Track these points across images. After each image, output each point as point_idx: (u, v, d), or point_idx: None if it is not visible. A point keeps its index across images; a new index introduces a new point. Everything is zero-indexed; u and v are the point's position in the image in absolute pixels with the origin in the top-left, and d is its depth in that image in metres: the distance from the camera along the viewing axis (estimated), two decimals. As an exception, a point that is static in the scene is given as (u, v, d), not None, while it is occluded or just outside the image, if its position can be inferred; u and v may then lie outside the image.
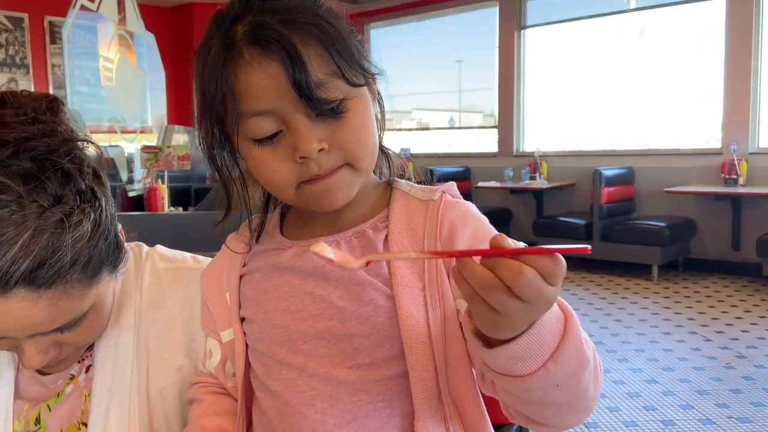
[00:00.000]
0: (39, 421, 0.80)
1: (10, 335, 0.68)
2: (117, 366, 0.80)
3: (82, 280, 0.68)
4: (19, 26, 6.61)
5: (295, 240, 0.74)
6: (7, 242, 0.61)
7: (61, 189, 0.65)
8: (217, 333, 0.77)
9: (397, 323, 0.66)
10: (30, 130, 0.66)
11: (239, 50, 0.62)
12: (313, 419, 0.67)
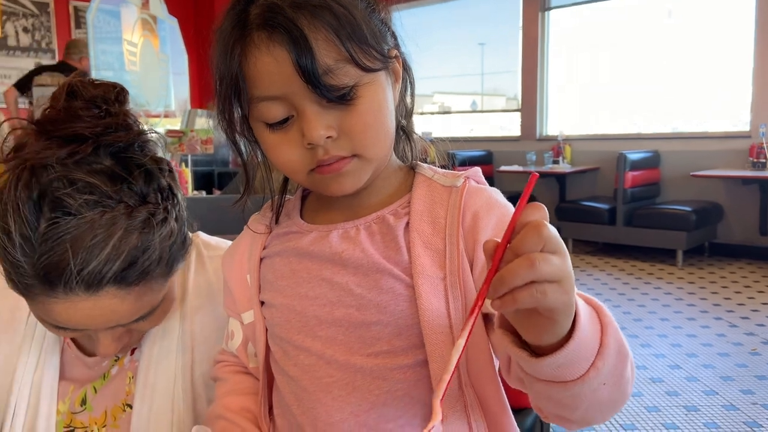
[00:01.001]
0: (85, 402, 0.81)
1: (90, 329, 0.70)
2: (162, 350, 0.81)
3: (163, 274, 0.70)
4: (44, 11, 6.68)
5: (315, 224, 0.74)
6: (98, 244, 0.62)
7: (146, 187, 0.67)
8: (239, 314, 0.77)
9: (417, 313, 0.65)
10: (103, 123, 0.67)
11: (249, 33, 0.61)
12: (330, 406, 0.67)
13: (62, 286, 0.64)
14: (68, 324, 0.69)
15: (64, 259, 0.62)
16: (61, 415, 0.80)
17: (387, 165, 0.72)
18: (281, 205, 0.78)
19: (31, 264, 0.63)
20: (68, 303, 0.66)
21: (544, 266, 0.46)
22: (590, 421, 0.60)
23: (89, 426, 0.81)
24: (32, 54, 6.69)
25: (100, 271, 0.63)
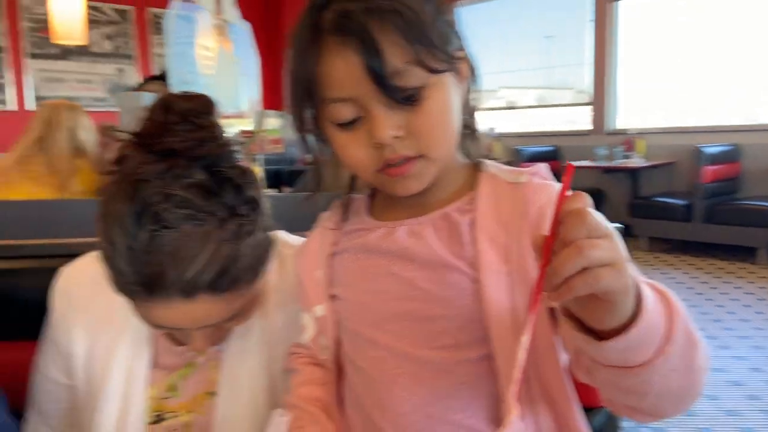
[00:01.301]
0: (173, 389, 0.87)
1: (187, 329, 0.76)
2: (245, 343, 0.86)
3: (251, 280, 0.75)
4: (124, 18, 7.03)
5: (382, 221, 0.76)
6: (193, 256, 0.68)
7: (234, 200, 0.71)
8: (310, 308, 0.81)
9: (482, 307, 0.66)
10: (194, 137, 0.72)
11: (322, 38, 0.64)
12: (398, 397, 0.69)
13: (161, 293, 0.69)
14: (166, 324, 0.75)
15: (163, 269, 0.68)
16: (152, 400, 0.86)
17: (451, 162, 0.73)
18: (350, 203, 0.81)
19: (134, 272, 0.69)
20: (166, 307, 0.71)
21: (593, 251, 0.47)
22: (661, 412, 0.60)
23: (177, 411, 0.86)
24: (113, 60, 7.05)
25: (195, 279, 0.69)
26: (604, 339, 0.52)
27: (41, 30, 6.27)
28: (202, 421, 0.85)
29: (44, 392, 0.92)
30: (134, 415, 0.83)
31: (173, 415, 0.86)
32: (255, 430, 0.82)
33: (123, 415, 0.83)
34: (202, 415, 0.86)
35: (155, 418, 0.85)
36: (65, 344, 0.88)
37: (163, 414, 0.86)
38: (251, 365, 0.85)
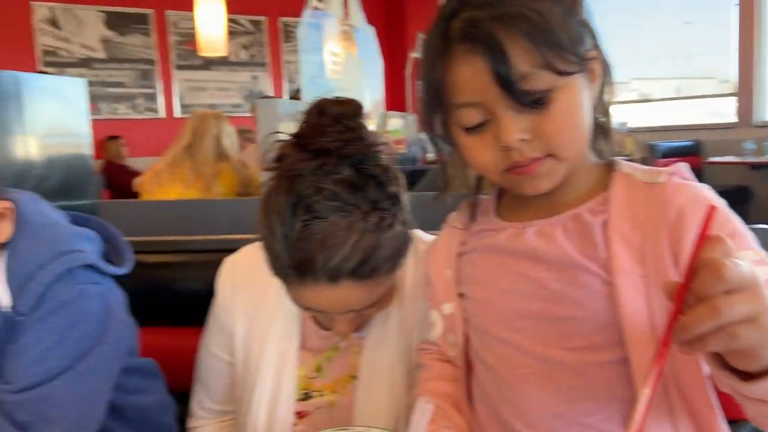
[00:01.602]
0: (319, 369, 0.95)
1: (329, 312, 0.83)
2: (385, 332, 0.92)
3: (390, 270, 0.81)
4: (258, 29, 7.48)
5: (510, 221, 0.77)
6: (339, 244, 0.74)
7: (377, 194, 0.77)
8: (439, 305, 0.83)
9: (616, 310, 0.65)
10: (344, 137, 0.78)
11: (451, 46, 0.66)
12: (528, 395, 0.70)
13: (310, 277, 0.76)
14: (313, 306, 0.82)
15: (313, 255, 0.75)
16: (300, 379, 0.94)
17: (582, 162, 0.73)
18: (477, 203, 0.83)
19: (288, 257, 0.77)
20: (314, 290, 0.78)
21: (730, 311, 0.44)
22: None
23: (322, 390, 0.94)
24: (248, 68, 7.53)
25: (339, 266, 0.75)
26: (748, 379, 0.50)
27: (186, 43, 6.84)
28: (345, 401, 0.92)
29: (208, 367, 1.04)
30: (285, 392, 0.92)
31: (319, 394, 0.94)
32: (393, 412, 0.89)
33: (276, 391, 0.92)
34: (344, 396, 0.93)
35: (303, 395, 0.94)
36: (227, 325, 0.99)
37: (310, 392, 0.94)
38: (390, 352, 0.91)
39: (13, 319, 0.81)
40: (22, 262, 0.81)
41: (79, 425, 0.83)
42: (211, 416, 1.06)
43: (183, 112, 6.96)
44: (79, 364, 0.82)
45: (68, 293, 0.82)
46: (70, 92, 1.43)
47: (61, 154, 1.39)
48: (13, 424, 0.80)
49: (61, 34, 6.25)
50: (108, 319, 0.87)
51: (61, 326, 0.82)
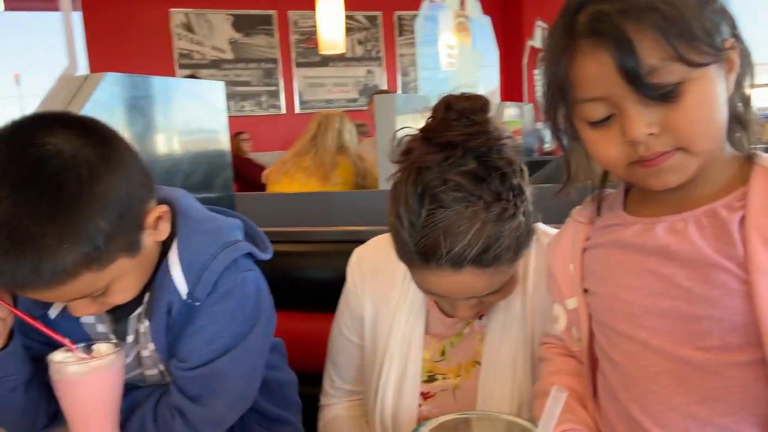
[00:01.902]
0: (444, 354, 0.99)
1: (452, 298, 0.87)
2: (507, 321, 0.95)
3: (511, 259, 0.84)
4: (373, 23, 7.62)
5: (638, 216, 0.75)
6: (462, 232, 0.78)
7: (500, 186, 0.80)
8: (563, 300, 0.83)
9: (754, 310, 0.62)
10: (469, 131, 0.82)
11: (576, 40, 0.65)
12: (658, 394, 0.68)
13: (434, 263, 0.80)
14: (436, 291, 0.86)
15: (437, 242, 0.79)
16: (425, 362, 0.99)
17: (717, 155, 0.69)
18: (603, 198, 0.82)
19: (414, 243, 0.81)
20: (438, 276, 0.82)
21: None
22: None
23: (446, 374, 0.99)
24: (364, 62, 7.70)
25: (462, 253, 0.78)
26: None
27: (306, 41, 7.12)
28: (468, 385, 0.96)
29: (339, 348, 1.11)
30: (411, 373, 0.97)
31: (443, 377, 0.99)
32: (515, 398, 0.92)
33: (402, 372, 0.98)
34: (468, 380, 0.97)
35: (428, 377, 0.99)
36: (357, 309, 1.06)
37: (435, 375, 0.99)
38: (512, 339, 0.94)
39: (192, 305, 0.89)
40: (195, 254, 0.89)
41: (241, 396, 0.92)
42: (342, 395, 1.13)
43: (302, 108, 7.27)
44: (241, 342, 0.91)
45: (234, 280, 0.91)
46: (211, 94, 1.56)
47: (203, 151, 1.52)
48: (186, 396, 0.90)
49: (195, 37, 6.73)
50: (261, 302, 0.96)
51: (229, 309, 0.90)
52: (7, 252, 0.72)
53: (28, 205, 0.72)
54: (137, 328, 0.93)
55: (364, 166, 2.94)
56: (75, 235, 0.73)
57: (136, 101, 1.33)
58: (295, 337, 1.31)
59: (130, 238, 0.81)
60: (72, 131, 0.77)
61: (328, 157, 2.86)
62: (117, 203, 0.77)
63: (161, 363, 0.95)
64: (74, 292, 0.79)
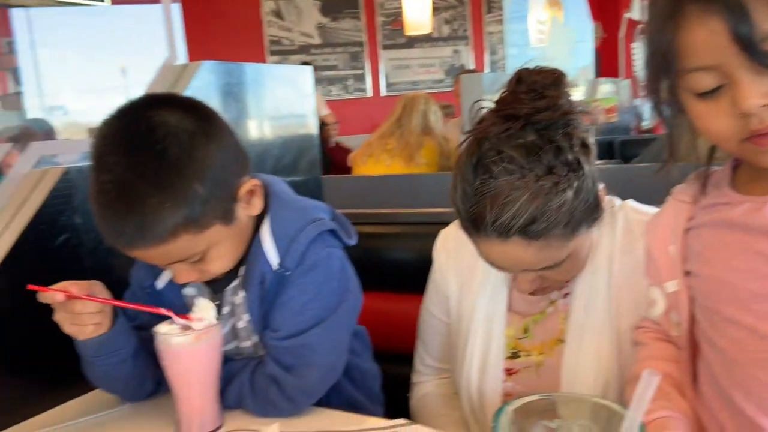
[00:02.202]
0: (526, 331, 1.00)
1: (507, 270, 0.89)
2: (591, 298, 0.94)
3: (563, 235, 0.83)
4: (461, 2, 7.50)
5: (747, 195, 0.71)
6: (510, 201, 0.79)
7: (553, 160, 0.80)
8: (661, 283, 0.79)
9: None
10: (537, 105, 0.82)
11: (682, 5, 0.62)
12: (763, 381, 0.65)
13: (482, 232, 0.83)
14: (489, 261, 0.88)
15: (484, 211, 0.81)
16: (509, 338, 1.01)
17: None
18: (709, 175, 0.77)
19: (465, 211, 0.84)
20: (487, 245, 0.85)
21: None
22: None
23: (529, 351, 1.00)
24: (450, 42, 7.61)
25: (508, 223, 0.80)
26: None
27: (391, 23, 7.13)
28: (552, 362, 0.97)
29: (428, 326, 1.15)
30: (495, 350, 1.00)
31: (526, 354, 1.00)
32: (599, 377, 0.92)
33: (486, 349, 1.00)
34: (551, 358, 0.98)
35: (512, 354, 1.00)
36: (443, 288, 1.10)
37: (518, 352, 1.00)
38: (596, 318, 0.94)
39: (282, 275, 0.96)
40: (285, 227, 0.96)
41: (330, 368, 0.97)
42: (432, 373, 1.17)
43: (388, 90, 7.30)
44: (330, 317, 0.96)
45: (320, 253, 0.97)
46: (300, 79, 1.60)
47: (293, 135, 1.57)
48: (280, 366, 0.95)
49: (284, 24, 6.91)
50: (347, 280, 1.01)
51: (316, 282, 0.96)
52: (117, 211, 0.82)
53: (136, 168, 0.82)
54: (233, 300, 1.00)
55: (449, 147, 2.94)
56: (175, 197, 0.82)
57: (230, 88, 1.39)
58: (379, 318, 1.34)
59: (224, 207, 0.89)
60: (176, 107, 0.88)
61: (413, 138, 2.88)
62: (213, 171, 0.86)
63: (255, 335, 1.01)
64: (175, 254, 0.87)
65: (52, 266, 1.04)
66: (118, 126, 0.86)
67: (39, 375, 1.04)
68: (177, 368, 0.90)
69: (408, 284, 1.38)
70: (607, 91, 4.63)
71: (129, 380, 0.99)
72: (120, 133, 0.85)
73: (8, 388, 0.99)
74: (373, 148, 2.95)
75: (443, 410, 1.11)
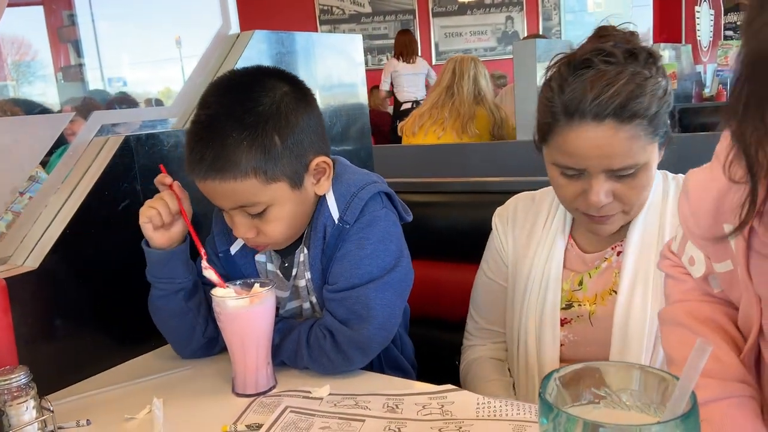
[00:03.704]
0: (581, 284, 1.06)
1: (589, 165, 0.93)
2: (642, 253, 1.01)
3: (646, 133, 0.91)
4: (515, -33, 7.28)
5: None
6: (608, 84, 0.89)
7: (648, 64, 0.93)
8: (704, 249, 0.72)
9: None
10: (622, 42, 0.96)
11: None
12: None
13: (577, 116, 0.91)
14: (575, 153, 0.93)
15: (584, 92, 0.90)
16: (564, 292, 1.07)
17: None
18: None
19: (561, 100, 0.92)
20: (578, 131, 0.91)
21: None
22: None
23: (582, 302, 1.06)
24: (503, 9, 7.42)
25: (605, 103, 0.88)
26: None
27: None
28: (604, 311, 1.03)
29: (485, 290, 1.20)
30: (551, 300, 1.07)
31: (579, 304, 1.07)
32: (647, 326, 0.98)
33: (543, 300, 1.07)
34: (604, 307, 1.04)
35: (566, 305, 1.07)
36: (501, 253, 1.17)
37: (572, 302, 1.07)
38: (647, 272, 1.00)
39: (342, 227, 1.01)
40: (347, 185, 1.03)
41: (383, 326, 0.99)
42: (485, 336, 1.20)
43: (438, 59, 7.21)
44: (384, 276, 0.99)
45: (378, 211, 1.02)
46: (350, 47, 1.60)
47: (343, 104, 1.57)
48: (336, 318, 0.99)
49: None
50: (402, 246, 1.05)
51: (374, 239, 1.00)
52: (202, 139, 0.93)
53: (229, 107, 0.93)
54: (299, 259, 1.06)
55: (501, 115, 2.88)
56: (254, 139, 0.91)
57: (282, 57, 1.40)
58: (430, 285, 1.35)
59: (295, 169, 0.96)
60: (280, 77, 0.99)
61: (465, 107, 2.83)
62: (294, 133, 0.95)
63: (314, 294, 1.06)
64: (241, 196, 0.93)
65: (115, 230, 1.09)
66: (226, 78, 0.99)
67: (106, 333, 1.10)
68: (233, 329, 0.93)
69: (457, 253, 1.39)
70: (667, 56, 4.44)
71: (181, 317, 1.04)
72: (225, 83, 0.98)
73: (78, 345, 1.05)
74: (424, 119, 2.91)
75: (493, 375, 1.14)
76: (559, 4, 7.07)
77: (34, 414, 0.78)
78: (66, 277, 1.04)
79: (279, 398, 0.92)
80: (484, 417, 0.83)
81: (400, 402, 0.89)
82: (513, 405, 0.84)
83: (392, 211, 1.06)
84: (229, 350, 0.96)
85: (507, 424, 0.80)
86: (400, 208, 1.08)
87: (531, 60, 2.39)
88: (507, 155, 2.08)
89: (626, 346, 0.98)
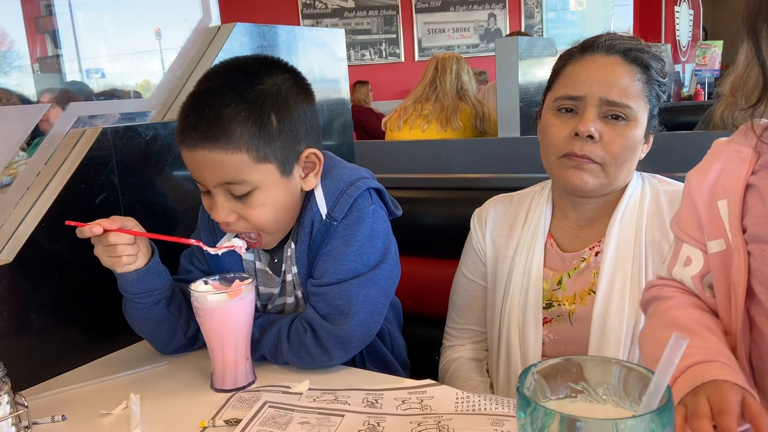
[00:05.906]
0: (560, 284, 1.08)
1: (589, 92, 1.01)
2: (620, 253, 1.02)
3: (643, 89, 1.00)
4: (497, -37, 7.30)
5: None
6: (618, 37, 1.04)
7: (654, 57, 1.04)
8: (704, 242, 0.75)
9: None
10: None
11: None
12: None
13: (589, 50, 1.03)
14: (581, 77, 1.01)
15: (600, 37, 1.03)
16: (545, 291, 1.09)
17: None
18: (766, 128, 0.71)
19: (579, 46, 1.06)
20: (590, 62, 1.02)
21: None
22: None
23: (562, 301, 1.08)
24: (486, 6, 7.43)
25: (616, 42, 1.02)
26: None
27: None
28: (584, 311, 1.05)
29: (464, 290, 1.21)
30: (533, 297, 1.08)
31: (559, 303, 1.08)
32: (624, 324, 1.00)
33: (525, 297, 1.09)
34: (583, 306, 1.06)
35: (546, 304, 1.09)
36: (479, 254, 1.18)
37: (552, 302, 1.09)
38: (624, 273, 1.02)
39: (329, 224, 1.01)
40: (336, 181, 1.03)
41: (363, 323, 0.99)
42: (464, 337, 1.21)
43: (421, 55, 7.20)
44: (369, 273, 0.99)
45: (367, 208, 1.02)
46: (332, 42, 1.59)
47: (326, 99, 1.57)
48: (317, 312, 0.99)
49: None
50: (390, 244, 1.05)
51: (361, 236, 1.00)
52: (198, 107, 0.93)
53: (231, 81, 0.94)
54: (286, 254, 1.05)
55: (483, 110, 2.90)
56: (252, 113, 0.92)
57: (263, 50, 1.39)
58: (411, 282, 1.35)
59: (285, 154, 0.96)
60: (283, 67, 1.00)
61: (448, 101, 2.85)
62: (291, 117, 0.95)
63: (299, 289, 1.06)
64: (228, 170, 0.92)
65: (92, 224, 1.07)
66: (230, 60, 1.00)
67: (82, 328, 1.09)
68: (211, 324, 0.93)
69: (439, 249, 1.39)
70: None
71: (162, 324, 1.03)
72: (229, 63, 0.99)
73: (53, 340, 1.04)
74: (408, 113, 2.93)
75: (472, 375, 1.14)
76: (541, 2, 7.10)
77: (8, 409, 0.76)
78: (41, 270, 1.02)
79: (258, 393, 0.92)
80: (462, 411, 0.83)
81: (380, 397, 0.89)
82: (491, 399, 0.85)
83: (381, 207, 1.05)
84: (207, 345, 0.95)
85: (485, 418, 0.81)
86: (390, 204, 1.08)
87: (513, 57, 2.39)
88: (489, 151, 2.09)
89: (604, 345, 1.00)
